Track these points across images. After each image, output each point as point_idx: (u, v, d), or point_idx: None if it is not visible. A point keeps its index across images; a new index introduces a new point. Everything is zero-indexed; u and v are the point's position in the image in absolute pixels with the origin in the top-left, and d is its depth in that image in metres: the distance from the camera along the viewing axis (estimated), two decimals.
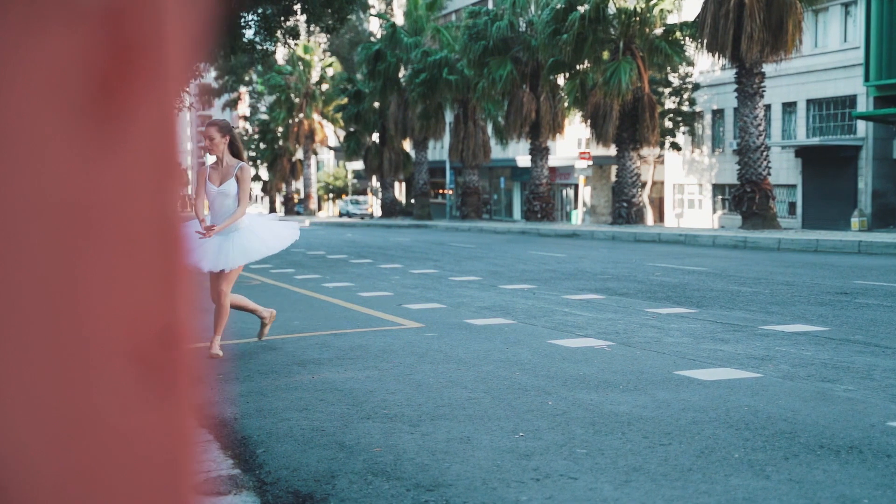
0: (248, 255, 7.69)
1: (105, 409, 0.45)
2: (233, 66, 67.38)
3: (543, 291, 12.31)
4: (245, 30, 24.55)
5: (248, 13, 24.38)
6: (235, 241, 7.60)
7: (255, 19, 24.82)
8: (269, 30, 24.62)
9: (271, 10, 24.28)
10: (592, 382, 6.29)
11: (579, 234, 30.92)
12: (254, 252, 7.71)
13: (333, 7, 24.21)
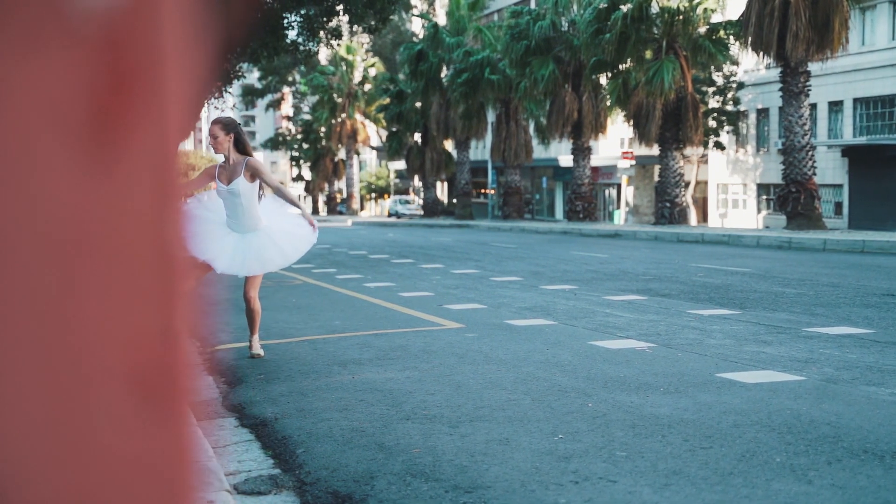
0: (265, 266, 7.61)
1: (103, 430, 0.45)
2: (276, 66, 67.78)
3: (585, 292, 12.26)
4: (288, 31, 24.67)
5: (290, 14, 24.50)
6: (253, 246, 7.50)
7: (298, 20, 24.94)
8: (312, 30, 24.73)
9: (314, 11, 24.40)
10: (633, 384, 6.25)
11: (621, 234, 30.77)
12: (270, 263, 7.61)
13: (375, 8, 24.28)
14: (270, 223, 7.71)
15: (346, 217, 67.25)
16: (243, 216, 7.54)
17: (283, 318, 10.18)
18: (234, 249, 7.47)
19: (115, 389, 0.44)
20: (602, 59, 36.93)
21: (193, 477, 0.49)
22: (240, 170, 7.52)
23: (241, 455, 4.94)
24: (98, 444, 0.44)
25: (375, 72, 69.82)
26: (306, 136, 76.00)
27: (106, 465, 0.44)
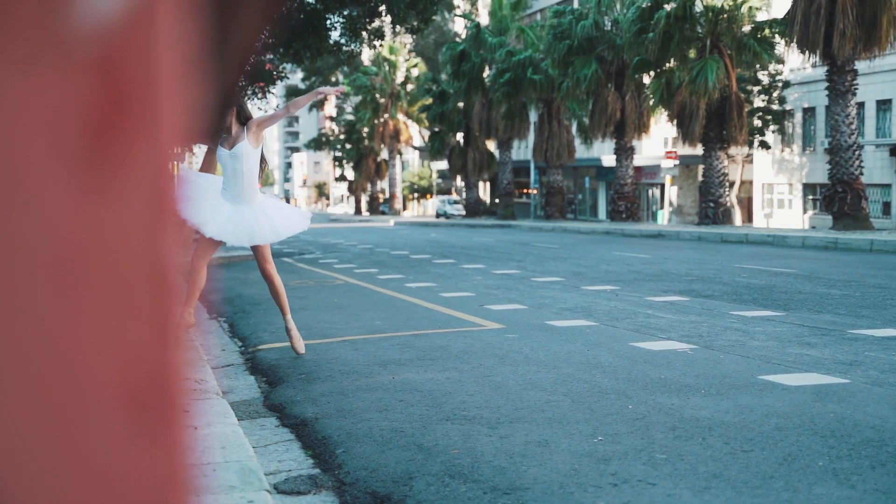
0: (253, 238, 7.54)
1: (95, 444, 0.46)
2: (319, 67, 68.07)
3: (626, 293, 12.20)
4: (331, 31, 24.78)
5: (333, 15, 24.61)
6: (246, 217, 7.48)
7: (341, 21, 25.05)
8: (354, 31, 24.83)
9: (357, 12, 24.49)
10: (674, 386, 6.21)
11: (664, 234, 30.59)
12: (259, 237, 7.54)
13: (418, 8, 24.32)
14: (265, 200, 7.74)
15: (389, 217, 67.45)
16: (241, 185, 7.52)
17: (325, 318, 10.23)
18: (227, 218, 7.45)
19: (107, 402, 0.45)
20: (645, 59, 36.77)
21: (184, 489, 0.49)
22: (242, 135, 7.56)
23: (281, 455, 4.97)
24: (90, 457, 0.45)
25: (418, 72, 69.98)
26: (349, 136, 76.32)
27: (97, 478, 0.45)
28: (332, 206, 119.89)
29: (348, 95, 77.49)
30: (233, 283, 14.59)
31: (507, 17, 51.04)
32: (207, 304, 12.13)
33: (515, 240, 29.21)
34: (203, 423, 4.94)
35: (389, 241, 29.16)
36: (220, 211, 7.45)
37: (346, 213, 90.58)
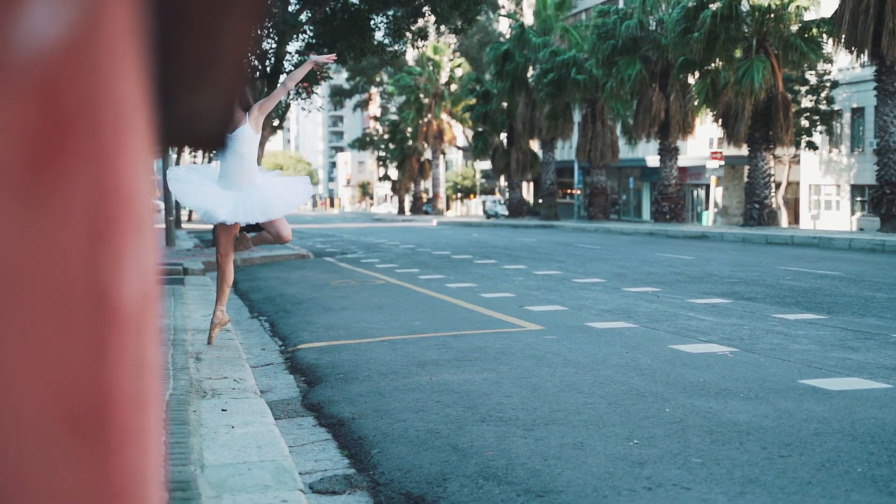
0: (267, 213, 7.60)
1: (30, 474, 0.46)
2: (364, 67, 68.36)
3: (668, 295, 12.13)
4: (374, 32, 24.87)
5: (377, 15, 24.71)
6: (252, 197, 7.53)
7: (385, 21, 25.14)
8: (398, 31, 24.91)
9: (400, 12, 24.57)
10: (712, 390, 6.17)
11: (708, 235, 30.35)
12: (272, 209, 7.61)
13: (461, 8, 24.35)
14: (265, 178, 7.80)
15: (432, 217, 67.52)
16: (241, 169, 7.57)
17: (365, 317, 10.26)
18: (235, 201, 7.51)
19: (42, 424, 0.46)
20: (690, 59, 36.51)
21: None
22: (244, 119, 7.60)
23: (317, 454, 5.00)
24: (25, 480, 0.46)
25: (462, 72, 70.02)
26: (393, 136, 76.52)
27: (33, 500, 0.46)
28: (376, 206, 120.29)
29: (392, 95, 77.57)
30: (275, 283, 14.68)
31: (551, 16, 50.94)
32: (249, 304, 12.22)
33: (558, 240, 29.13)
34: (240, 423, 4.98)
35: (432, 241, 29.19)
36: (225, 196, 7.52)
37: (390, 213, 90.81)
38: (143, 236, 0.53)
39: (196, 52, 0.63)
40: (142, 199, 0.52)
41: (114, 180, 0.46)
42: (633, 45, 40.91)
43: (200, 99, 0.77)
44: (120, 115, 0.47)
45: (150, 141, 0.61)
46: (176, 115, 0.82)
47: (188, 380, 6.10)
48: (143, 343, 0.65)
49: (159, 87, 0.74)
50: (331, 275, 16.28)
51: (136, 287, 0.50)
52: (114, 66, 0.46)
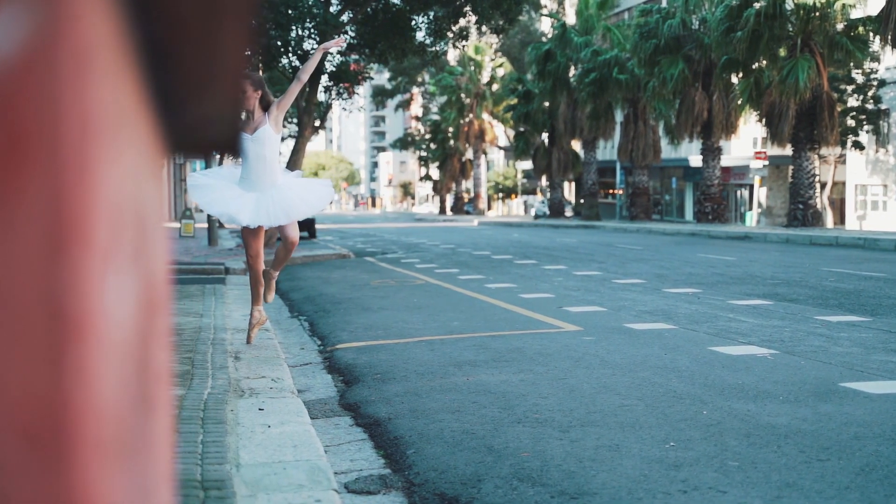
0: (290, 215, 7.59)
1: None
2: (405, 67, 68.52)
3: (708, 296, 12.04)
4: (415, 32, 24.91)
5: (418, 15, 24.74)
6: (275, 199, 7.50)
7: (426, 21, 25.16)
8: (439, 32, 24.92)
9: (442, 12, 24.58)
10: (751, 392, 6.12)
11: (751, 236, 30.09)
12: (295, 211, 7.60)
13: (502, 8, 24.31)
14: (287, 179, 7.77)
15: (473, 217, 67.50)
16: (264, 170, 7.55)
17: (403, 317, 10.29)
18: (258, 203, 7.48)
19: (2, 441, 0.46)
20: (733, 58, 36.18)
21: None
22: (265, 119, 7.57)
23: (353, 454, 5.02)
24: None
25: (503, 72, 69.95)
26: (434, 136, 76.62)
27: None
28: (418, 206, 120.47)
29: (434, 95, 77.63)
30: (315, 282, 14.76)
31: (593, 16, 50.75)
32: (289, 303, 12.29)
33: (599, 241, 29.01)
34: (276, 422, 5.01)
35: (472, 242, 29.19)
36: (247, 199, 7.50)
37: (431, 213, 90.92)
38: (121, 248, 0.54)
39: (195, 61, 0.64)
40: (115, 211, 0.52)
41: (75, 195, 0.46)
42: (675, 45, 40.64)
43: (207, 105, 0.78)
44: (87, 129, 0.47)
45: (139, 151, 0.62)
46: (185, 121, 0.83)
47: (226, 379, 6.15)
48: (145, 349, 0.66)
49: (164, 95, 0.75)
50: (371, 275, 16.33)
51: (106, 299, 0.50)
52: (80, 79, 0.46)
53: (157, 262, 0.74)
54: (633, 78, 44.86)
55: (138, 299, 0.62)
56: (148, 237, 0.67)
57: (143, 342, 0.65)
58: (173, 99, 0.75)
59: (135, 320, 0.59)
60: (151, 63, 0.61)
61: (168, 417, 0.82)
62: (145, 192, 0.68)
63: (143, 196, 0.66)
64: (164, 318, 0.80)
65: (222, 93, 0.72)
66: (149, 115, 0.72)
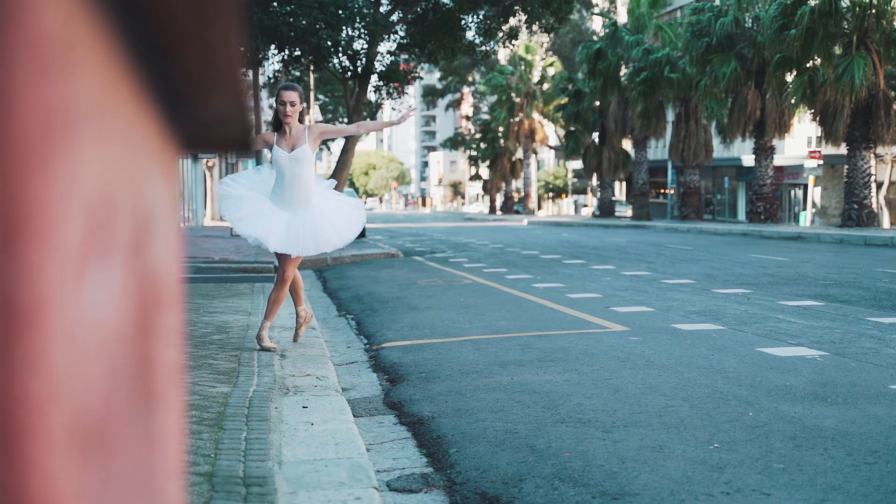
0: (319, 246, 7.36)
1: None
2: (456, 67, 68.56)
3: (758, 296, 11.91)
4: (465, 31, 24.92)
5: (468, 15, 24.74)
6: (307, 223, 7.27)
7: (476, 21, 25.16)
8: (489, 31, 24.90)
9: (492, 12, 24.56)
10: (798, 394, 6.04)
11: (804, 236, 29.72)
12: (325, 243, 7.36)
13: (552, 7, 24.24)
14: (321, 199, 7.53)
15: (523, 216, 67.39)
16: (299, 189, 7.34)
17: (450, 317, 10.30)
18: (287, 226, 7.26)
19: None
20: (787, 56, 35.77)
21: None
22: (303, 137, 7.38)
23: (396, 452, 5.03)
24: None
25: (554, 71, 69.73)
26: (484, 135, 76.56)
27: None
28: (468, 205, 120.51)
29: (484, 95, 77.64)
30: (363, 282, 14.82)
31: (645, 14, 50.43)
32: (337, 302, 12.36)
33: (648, 241, 28.82)
34: (319, 420, 5.04)
35: (521, 241, 29.14)
36: (278, 220, 7.29)
37: (481, 213, 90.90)
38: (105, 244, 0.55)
39: (191, 57, 0.65)
40: (93, 206, 0.52)
41: (29, 189, 0.46)
42: (727, 43, 40.26)
43: (217, 103, 0.79)
44: (49, 123, 0.47)
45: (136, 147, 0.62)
46: (197, 119, 0.85)
47: (272, 377, 6.20)
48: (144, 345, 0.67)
49: (171, 93, 0.76)
50: (418, 274, 16.36)
51: (78, 293, 0.51)
52: (38, 72, 0.47)
53: (161, 259, 0.75)
54: (684, 77, 44.52)
55: (134, 295, 0.63)
56: (149, 234, 0.68)
57: (141, 338, 0.66)
58: (182, 97, 0.76)
59: (125, 316, 0.60)
60: (150, 59, 0.62)
61: (176, 414, 0.83)
62: (147, 189, 0.69)
63: (144, 193, 0.67)
64: (171, 316, 0.81)
65: (226, 89, 0.73)
66: (154, 112, 0.73)
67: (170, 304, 0.80)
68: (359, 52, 23.23)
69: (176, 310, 0.84)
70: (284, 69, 25.05)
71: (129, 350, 0.61)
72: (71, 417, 0.49)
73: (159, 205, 0.76)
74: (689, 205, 48.37)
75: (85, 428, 0.52)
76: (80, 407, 0.51)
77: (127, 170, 0.60)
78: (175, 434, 0.82)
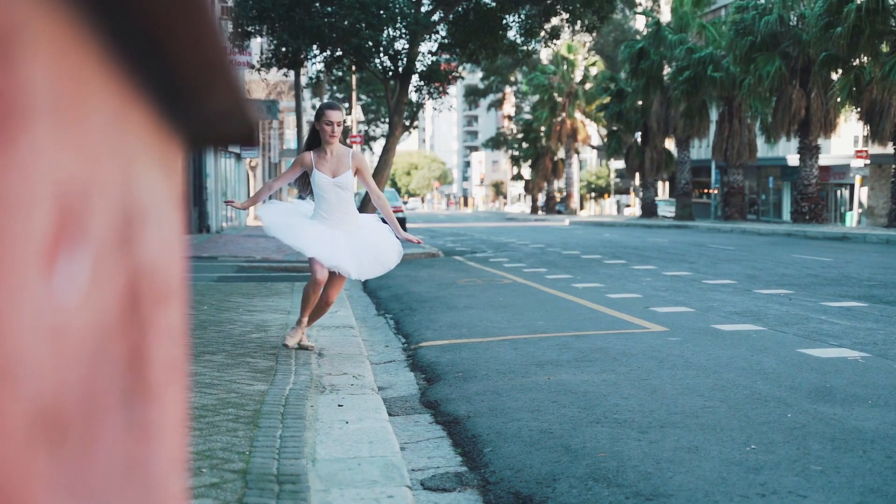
0: (361, 272, 7.12)
1: None
2: (498, 66, 68.50)
3: (801, 297, 11.79)
4: (507, 31, 24.88)
5: (509, 15, 24.70)
6: (351, 245, 7.06)
7: (517, 21, 25.11)
8: (530, 31, 24.84)
9: (534, 11, 24.50)
10: (838, 396, 5.97)
11: (850, 236, 29.35)
12: (367, 269, 7.14)
13: (594, 6, 24.14)
14: (365, 225, 7.31)
15: (565, 216, 67.19)
16: (344, 212, 7.15)
17: (488, 316, 10.29)
18: (332, 243, 7.02)
19: None
20: (832, 54, 35.37)
21: None
22: (346, 161, 7.15)
23: (431, 451, 5.04)
24: None
25: (596, 70, 69.44)
26: (526, 135, 76.41)
27: None
28: (509, 205, 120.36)
29: (526, 95, 77.44)
30: (403, 281, 14.85)
31: (688, 13, 50.07)
32: (376, 301, 12.39)
33: (690, 241, 28.62)
34: (354, 418, 5.06)
35: (562, 241, 29.05)
36: (324, 236, 7.05)
37: (523, 212, 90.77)
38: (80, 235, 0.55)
39: (180, 55, 0.65)
40: (62, 196, 0.52)
41: None
42: (772, 41, 39.85)
43: (215, 100, 0.80)
44: (9, 111, 0.47)
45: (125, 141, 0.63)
46: (199, 116, 0.85)
47: (308, 375, 6.23)
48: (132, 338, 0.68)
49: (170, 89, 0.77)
50: (458, 273, 16.38)
51: (34, 285, 0.50)
52: None
53: (157, 253, 0.75)
54: (728, 76, 44.14)
55: (122, 288, 0.63)
56: (141, 227, 0.69)
57: (131, 331, 0.66)
58: (178, 92, 0.77)
59: (111, 308, 0.60)
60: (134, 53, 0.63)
61: (176, 407, 0.84)
62: (140, 182, 0.70)
63: (136, 185, 0.68)
64: (170, 310, 0.81)
65: (219, 84, 0.74)
66: (148, 106, 0.74)
67: (168, 299, 0.80)
68: (400, 52, 23.28)
69: (176, 304, 0.84)
70: (327, 69, 25.18)
71: (115, 342, 0.61)
72: (35, 409, 0.49)
73: (156, 199, 0.76)
74: (733, 205, 47.95)
75: (55, 419, 0.52)
76: (48, 398, 0.51)
77: (112, 162, 0.60)
78: (174, 427, 0.83)
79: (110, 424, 0.60)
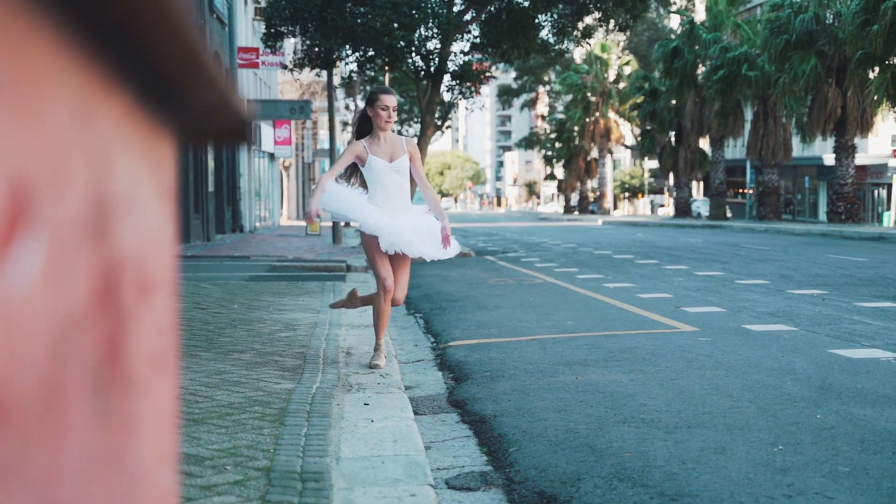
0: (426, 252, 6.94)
1: None
2: (531, 66, 68.43)
3: (834, 297, 11.67)
4: (539, 31, 24.83)
5: (542, 14, 24.65)
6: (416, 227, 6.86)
7: (550, 20, 25.05)
8: (563, 30, 24.78)
9: (567, 10, 24.44)
10: (869, 397, 5.91)
11: (886, 237, 29.04)
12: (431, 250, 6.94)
13: (626, 5, 24.04)
14: (418, 211, 7.11)
15: (598, 216, 66.99)
16: (400, 198, 6.94)
17: (518, 315, 10.27)
18: (390, 224, 6.78)
19: None
20: (869, 53, 35.00)
21: None
22: (401, 146, 6.96)
23: (457, 451, 5.04)
24: None
25: (630, 70, 69.18)
26: (559, 135, 76.27)
27: None
28: (542, 205, 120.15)
29: (559, 94, 77.26)
30: (433, 280, 14.86)
31: (723, 12, 49.78)
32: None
33: (724, 241, 28.44)
34: (379, 417, 5.07)
35: (594, 241, 28.96)
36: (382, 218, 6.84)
37: (556, 212, 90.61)
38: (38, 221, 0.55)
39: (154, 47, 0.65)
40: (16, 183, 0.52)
41: None
42: (807, 40, 39.52)
43: (198, 94, 0.80)
44: None
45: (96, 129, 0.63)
46: (187, 111, 0.85)
47: (336, 374, 6.25)
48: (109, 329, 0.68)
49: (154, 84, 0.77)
50: (489, 273, 16.37)
51: None
52: None
53: (138, 243, 0.75)
54: (762, 74, 43.83)
55: (95, 278, 0.64)
56: (117, 216, 0.69)
57: (105, 322, 0.66)
58: (162, 86, 0.77)
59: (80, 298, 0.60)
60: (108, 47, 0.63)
61: (162, 400, 0.84)
62: (116, 171, 0.70)
63: (111, 175, 0.68)
64: (155, 302, 0.81)
65: (199, 77, 0.74)
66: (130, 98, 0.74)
67: (154, 291, 0.80)
68: (432, 51, 23.29)
69: (163, 297, 0.84)
70: (359, 69, 25.23)
71: (85, 332, 0.61)
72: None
73: (139, 191, 0.76)
74: (768, 204, 47.60)
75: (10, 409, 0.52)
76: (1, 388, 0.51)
77: (79, 153, 0.60)
78: (160, 421, 0.83)
79: (78, 413, 0.60)
